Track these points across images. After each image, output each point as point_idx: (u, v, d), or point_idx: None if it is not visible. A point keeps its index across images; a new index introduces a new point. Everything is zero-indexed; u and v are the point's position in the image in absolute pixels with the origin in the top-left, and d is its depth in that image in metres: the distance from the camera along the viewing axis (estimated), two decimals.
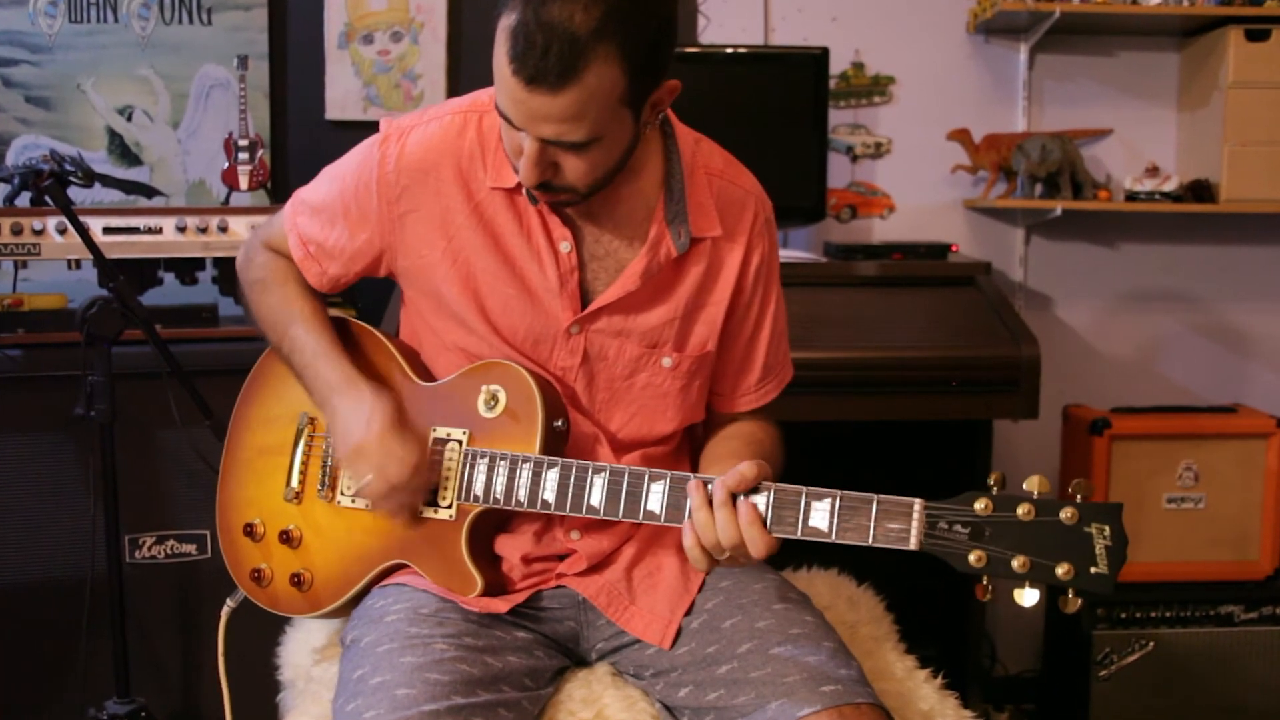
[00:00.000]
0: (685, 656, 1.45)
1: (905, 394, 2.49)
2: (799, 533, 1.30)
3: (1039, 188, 2.99)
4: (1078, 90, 3.14)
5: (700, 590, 1.52)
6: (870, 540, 1.27)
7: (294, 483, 1.60)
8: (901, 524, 1.26)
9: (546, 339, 1.51)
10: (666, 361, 1.53)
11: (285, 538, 1.59)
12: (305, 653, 1.69)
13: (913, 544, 1.25)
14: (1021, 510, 1.21)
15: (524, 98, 1.27)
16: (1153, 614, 2.83)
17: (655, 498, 1.38)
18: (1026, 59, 3.10)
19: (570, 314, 1.50)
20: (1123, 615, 2.82)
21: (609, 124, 1.32)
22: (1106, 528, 1.19)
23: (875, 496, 1.27)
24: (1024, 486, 1.23)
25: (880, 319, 2.60)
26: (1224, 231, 3.19)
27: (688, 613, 1.49)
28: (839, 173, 3.11)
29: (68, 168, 2.14)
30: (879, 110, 3.14)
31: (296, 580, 1.57)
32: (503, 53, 1.27)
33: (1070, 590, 1.21)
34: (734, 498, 1.31)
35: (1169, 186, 2.96)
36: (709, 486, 1.33)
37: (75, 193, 2.14)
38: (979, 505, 1.23)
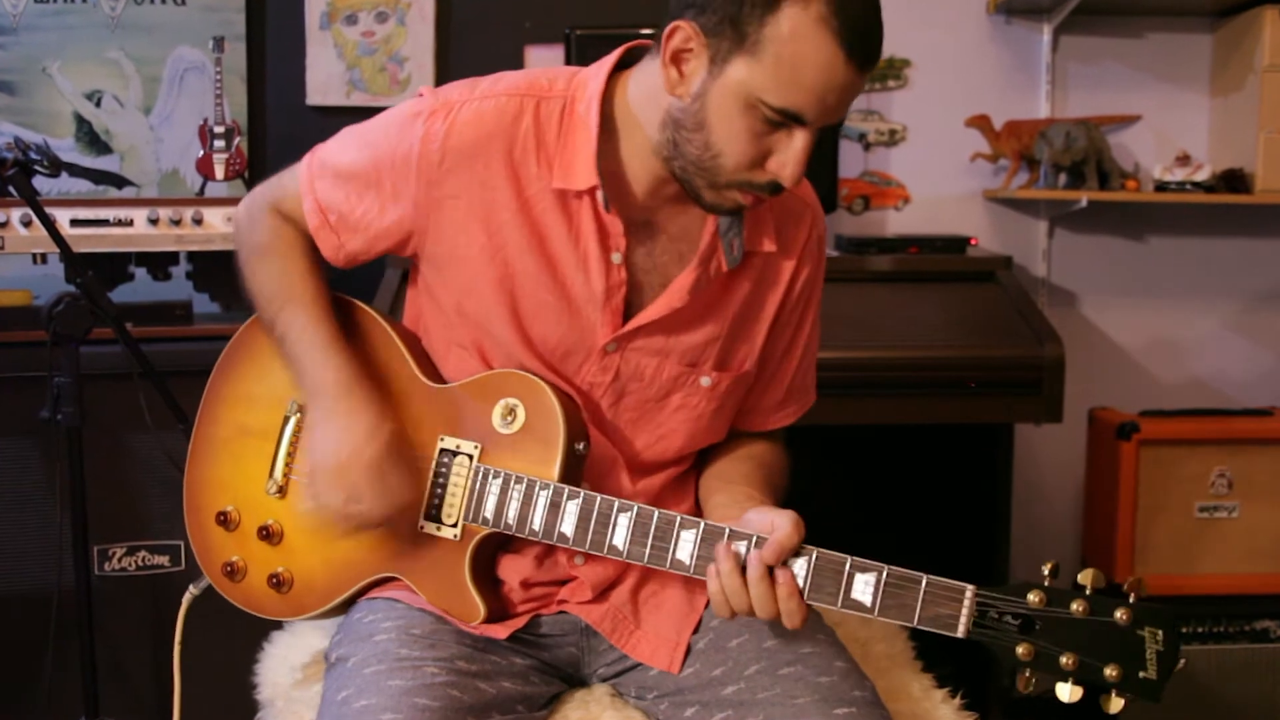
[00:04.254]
0: (691, 677, 1.45)
1: (921, 396, 2.49)
2: (839, 605, 1.30)
3: (1063, 177, 2.98)
4: (1104, 74, 3.14)
5: (706, 607, 1.51)
6: (915, 622, 1.28)
7: (278, 475, 1.57)
8: (950, 610, 1.26)
9: (579, 352, 1.48)
10: (705, 381, 1.51)
11: (265, 533, 1.55)
12: (285, 670, 1.68)
13: (960, 631, 1.26)
14: (1075, 606, 1.23)
15: (852, 82, 1.30)
16: (1184, 630, 2.82)
17: (686, 547, 1.36)
18: (1050, 41, 3.10)
19: (610, 330, 1.46)
20: None
21: None
22: (1160, 632, 1.22)
23: (924, 576, 1.28)
24: (1078, 579, 1.25)
25: (895, 316, 2.59)
26: (1259, 223, 3.19)
27: (693, 631, 1.49)
28: (851, 162, 3.11)
29: (33, 156, 2.12)
30: (893, 95, 3.13)
31: (275, 581, 1.54)
32: (827, 39, 1.26)
33: (1113, 691, 1.24)
34: (771, 569, 1.31)
35: (1201, 176, 2.96)
36: (743, 555, 1.32)
37: (41, 183, 2.13)
38: (1032, 598, 1.25)
